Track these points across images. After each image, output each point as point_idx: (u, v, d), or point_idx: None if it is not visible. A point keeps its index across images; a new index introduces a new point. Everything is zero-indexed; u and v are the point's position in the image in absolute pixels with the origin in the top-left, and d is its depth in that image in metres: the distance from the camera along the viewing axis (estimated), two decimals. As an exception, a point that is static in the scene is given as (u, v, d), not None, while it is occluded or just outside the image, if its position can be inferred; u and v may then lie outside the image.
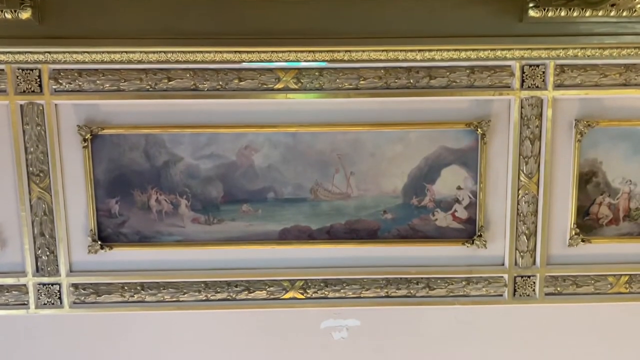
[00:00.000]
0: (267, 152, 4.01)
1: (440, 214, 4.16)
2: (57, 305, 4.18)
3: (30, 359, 4.30)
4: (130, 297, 4.19)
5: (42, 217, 4.02)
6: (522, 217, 4.13)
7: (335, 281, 4.24)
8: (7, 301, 4.16)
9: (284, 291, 4.23)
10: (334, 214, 4.14)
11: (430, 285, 4.25)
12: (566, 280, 4.26)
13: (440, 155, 4.05)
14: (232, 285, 4.21)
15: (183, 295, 4.20)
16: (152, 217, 4.09)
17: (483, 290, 4.27)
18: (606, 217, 4.17)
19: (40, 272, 4.12)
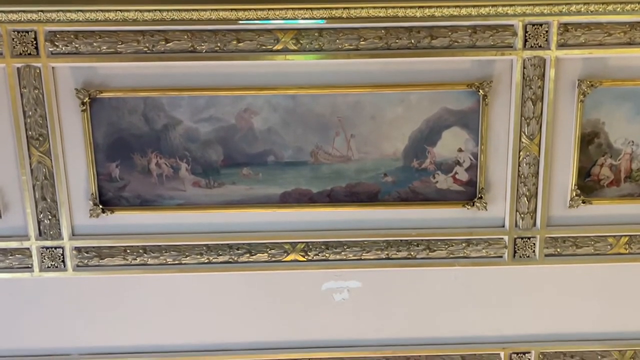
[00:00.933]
0: (267, 115, 3.75)
1: (440, 177, 3.92)
2: (60, 268, 3.98)
3: (36, 321, 4.12)
4: (132, 260, 3.99)
5: (42, 181, 3.80)
6: (522, 178, 3.89)
7: (336, 243, 4.02)
8: (11, 264, 3.97)
9: (285, 254, 4.02)
10: (334, 177, 3.90)
11: (430, 247, 4.04)
12: (566, 242, 4.03)
13: (441, 117, 3.79)
14: (234, 248, 4.00)
15: (185, 258, 3.99)
16: (153, 180, 3.86)
17: (483, 252, 4.05)
18: (607, 179, 3.92)
19: (43, 235, 3.91)
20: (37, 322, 4.10)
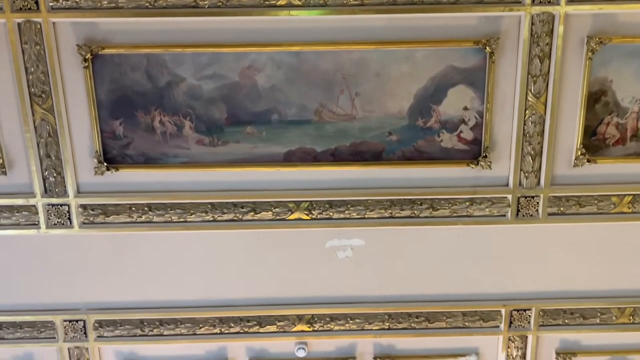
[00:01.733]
0: (270, 72, 3.53)
1: (445, 135, 3.71)
2: (67, 225, 3.82)
3: (44, 277, 3.99)
4: (138, 217, 3.82)
5: (47, 139, 3.61)
6: (528, 137, 3.68)
7: (340, 202, 3.84)
8: (18, 221, 3.81)
9: (289, 212, 3.84)
10: (338, 135, 3.69)
11: (434, 206, 3.85)
12: (569, 201, 3.85)
13: (447, 74, 3.57)
14: (238, 206, 3.82)
15: (190, 216, 3.82)
16: (157, 138, 3.67)
17: (486, 211, 3.87)
18: (613, 137, 3.71)
19: (49, 193, 3.74)
20: (45, 278, 3.97)
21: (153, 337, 4.12)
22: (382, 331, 4.19)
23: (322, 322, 4.16)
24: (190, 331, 4.12)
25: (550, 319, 4.17)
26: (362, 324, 4.18)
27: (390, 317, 4.17)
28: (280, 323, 4.16)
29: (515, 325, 4.19)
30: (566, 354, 4.27)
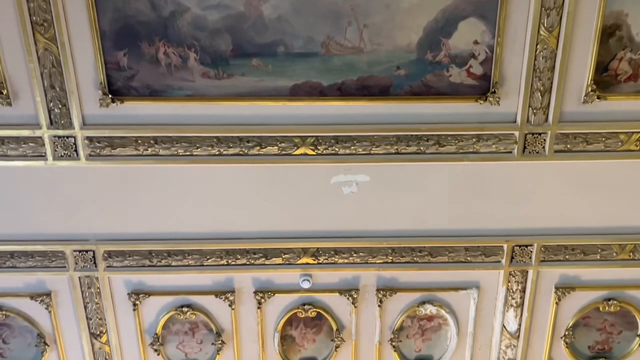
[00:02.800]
0: (277, 2, 3.30)
1: (454, 70, 3.48)
2: (73, 157, 3.67)
3: (52, 209, 3.87)
4: (144, 150, 3.65)
5: (50, 69, 3.41)
6: (538, 73, 3.45)
7: (346, 138, 3.67)
8: (25, 153, 3.65)
9: (295, 147, 3.66)
10: (345, 69, 3.47)
11: (440, 142, 3.67)
12: (577, 138, 3.66)
13: (458, 6, 3.32)
14: (244, 140, 3.65)
15: (196, 150, 3.66)
16: (161, 70, 3.46)
17: (493, 147, 3.69)
18: (625, 74, 3.49)
19: (54, 124, 3.57)
20: (54, 209, 3.85)
21: (161, 268, 4.03)
22: (385, 264, 4.09)
23: (326, 255, 4.05)
24: (197, 262, 4.02)
25: (552, 255, 4.05)
26: (365, 257, 4.06)
27: (394, 251, 4.05)
28: (286, 256, 4.05)
29: (516, 261, 4.07)
30: (565, 289, 4.17)
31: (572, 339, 4.35)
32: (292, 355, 4.43)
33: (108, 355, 4.33)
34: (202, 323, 4.30)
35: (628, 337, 4.40)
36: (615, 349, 4.43)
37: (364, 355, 4.43)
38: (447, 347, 4.42)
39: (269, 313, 4.27)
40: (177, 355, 4.39)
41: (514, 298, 4.21)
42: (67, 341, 4.28)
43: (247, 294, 4.19)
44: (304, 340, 4.39)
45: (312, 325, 4.36)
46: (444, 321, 4.35)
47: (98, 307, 4.15)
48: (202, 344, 4.36)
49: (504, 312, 4.27)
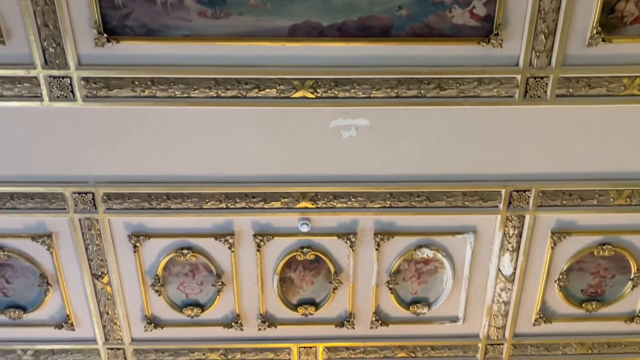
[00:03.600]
0: (276, -64, 3.09)
1: (457, 11, 3.33)
2: (70, 98, 3.54)
3: (51, 150, 3.77)
4: (141, 92, 3.53)
5: (43, 7, 3.26)
6: (542, 14, 3.30)
7: (346, 81, 3.53)
8: (20, 93, 3.53)
9: (294, 90, 3.54)
10: (346, 9, 3.32)
11: (441, 86, 3.54)
12: (579, 82, 3.54)
13: (463, -57, 3.12)
14: (242, 82, 3.52)
15: (194, 92, 3.53)
16: (157, 9, 3.30)
17: (494, 91, 3.57)
18: (631, 15, 3.34)
19: (49, 64, 3.44)
20: (53, 151, 3.75)
21: (161, 211, 3.96)
22: (384, 209, 4.02)
23: (325, 200, 3.98)
24: (197, 205, 3.95)
25: (549, 200, 3.98)
26: (364, 202, 3.99)
27: (392, 196, 3.98)
28: (285, 200, 3.97)
29: (513, 206, 4.00)
30: (561, 234, 4.12)
31: (565, 283, 4.33)
32: (291, 297, 4.42)
33: (110, 296, 4.32)
34: (202, 265, 4.26)
35: (621, 281, 4.38)
36: (607, 293, 4.42)
37: (361, 297, 4.42)
38: (442, 289, 4.41)
39: (268, 256, 4.23)
40: (178, 296, 4.38)
41: (510, 242, 4.16)
42: (69, 282, 4.26)
43: (246, 237, 4.14)
44: (302, 282, 4.38)
45: (310, 268, 4.33)
46: (440, 264, 4.32)
47: (99, 249, 4.11)
48: (203, 285, 4.34)
49: (500, 256, 4.23)
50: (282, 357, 4.64)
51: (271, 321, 4.49)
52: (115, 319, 4.41)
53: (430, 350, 4.64)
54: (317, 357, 4.65)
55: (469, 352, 4.66)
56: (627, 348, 4.66)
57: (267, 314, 4.46)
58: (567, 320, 4.52)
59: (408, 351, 4.62)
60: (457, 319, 4.52)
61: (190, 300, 4.40)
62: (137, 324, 4.46)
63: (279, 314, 4.48)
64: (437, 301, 4.45)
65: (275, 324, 4.50)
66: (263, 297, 4.38)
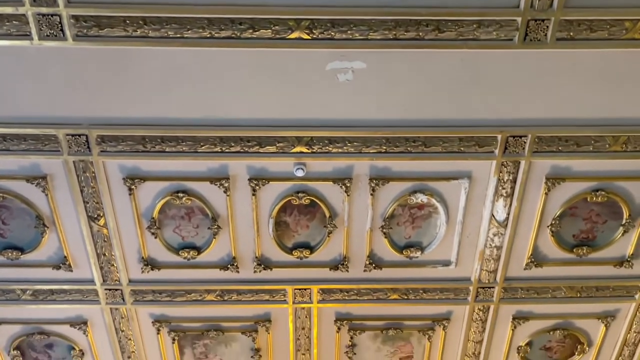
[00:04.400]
0: None
1: (458, -52, 3.16)
2: (60, 37, 3.43)
3: (43, 91, 3.67)
4: (133, 31, 3.41)
5: (29, -59, 3.07)
6: (546, -47, 3.14)
7: (343, 22, 3.43)
8: (9, 31, 3.42)
9: (289, 31, 3.42)
10: (343, -54, 3.15)
11: (440, 28, 3.43)
12: (581, 25, 3.43)
13: None
14: (237, 22, 3.40)
15: (187, 32, 3.42)
16: (148, -57, 3.12)
17: (493, 34, 3.46)
18: (638, -44, 3.17)
19: (38, 1, 3.32)
20: (45, 91, 3.65)
21: (155, 154, 3.90)
22: (379, 154, 3.97)
23: (320, 145, 3.92)
24: (191, 149, 3.89)
25: (545, 146, 3.93)
26: (359, 147, 3.94)
27: (388, 141, 3.92)
28: (280, 144, 3.91)
29: (509, 151, 3.95)
30: (555, 179, 4.09)
31: (557, 228, 4.33)
32: (287, 240, 4.42)
33: (106, 238, 4.30)
34: (197, 208, 4.23)
35: (612, 226, 4.38)
36: (598, 238, 4.43)
37: (355, 241, 4.42)
38: (436, 234, 4.41)
39: (264, 200, 4.20)
40: (174, 238, 4.37)
41: (504, 188, 4.13)
42: (65, 223, 4.23)
43: (241, 181, 4.10)
44: (297, 226, 4.36)
45: (305, 212, 4.31)
46: (434, 210, 4.30)
47: (94, 191, 4.07)
48: (199, 228, 4.33)
49: (494, 201, 4.21)
50: (277, 298, 4.67)
51: (267, 264, 4.50)
52: (112, 260, 4.41)
53: (422, 292, 4.68)
54: (312, 298, 4.68)
55: (460, 294, 4.70)
56: (615, 292, 4.71)
57: (262, 257, 4.47)
58: (557, 265, 4.54)
59: (400, 293, 4.65)
60: (449, 262, 4.54)
61: (187, 243, 4.39)
62: (134, 266, 4.47)
63: (275, 257, 4.48)
64: (430, 245, 4.45)
65: (271, 266, 4.51)
66: (259, 241, 4.38)
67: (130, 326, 4.76)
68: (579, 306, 4.78)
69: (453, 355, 5.08)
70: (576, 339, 4.98)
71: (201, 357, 5.03)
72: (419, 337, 4.96)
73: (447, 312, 4.83)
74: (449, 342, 4.99)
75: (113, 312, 4.68)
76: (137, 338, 4.84)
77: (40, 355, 4.92)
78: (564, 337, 4.95)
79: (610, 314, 4.85)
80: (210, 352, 5.00)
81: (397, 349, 5.05)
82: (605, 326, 4.90)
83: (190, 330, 4.86)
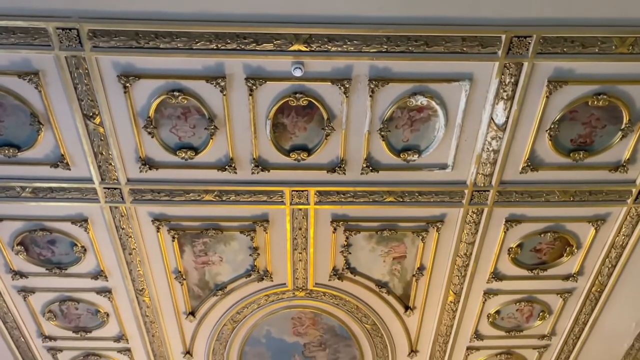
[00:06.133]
0: None
1: None
2: None
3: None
4: None
5: None
6: None
7: None
8: None
9: None
10: None
11: None
12: None
13: None
14: None
15: None
16: None
17: None
18: None
19: None
20: (31, -18, 3.42)
21: (149, 50, 3.76)
22: (379, 54, 3.84)
23: (319, 43, 3.78)
24: (186, 45, 3.75)
25: (549, 47, 3.79)
26: (359, 45, 3.79)
27: (389, 39, 3.77)
28: (277, 41, 3.76)
29: (513, 52, 3.82)
30: (557, 82, 3.99)
31: (556, 132, 4.28)
32: (284, 142, 4.37)
33: (103, 137, 4.24)
34: (194, 108, 4.15)
35: (611, 131, 4.33)
36: (596, 143, 4.40)
37: (353, 144, 4.37)
38: (434, 138, 4.36)
39: (261, 100, 4.10)
40: (171, 138, 4.31)
41: (505, 91, 4.04)
42: (60, 121, 4.16)
43: (238, 80, 3.99)
44: (295, 128, 4.30)
45: (303, 114, 4.23)
46: (433, 112, 4.22)
47: (88, 89, 3.96)
48: (195, 128, 4.26)
49: (494, 104, 4.13)
50: (275, 199, 4.69)
51: (264, 165, 4.48)
52: (109, 159, 4.37)
53: (418, 195, 4.69)
54: (309, 200, 4.70)
55: (455, 197, 4.72)
56: (608, 196, 4.74)
57: (260, 159, 4.44)
58: (553, 169, 4.53)
59: (396, 196, 4.67)
60: (446, 166, 4.52)
61: (184, 143, 4.34)
62: (131, 165, 4.44)
63: (272, 159, 4.45)
64: (427, 149, 4.41)
65: (268, 168, 4.49)
66: (256, 142, 4.33)
67: (130, 224, 4.81)
68: (571, 210, 4.83)
69: (445, 256, 5.19)
70: (566, 241, 5.07)
71: (201, 255, 5.12)
72: (412, 238, 5.04)
73: (441, 215, 4.88)
74: (441, 243, 5.07)
75: (113, 210, 4.71)
76: (137, 236, 4.90)
77: (44, 251, 5.00)
78: (554, 240, 5.03)
79: (601, 217, 4.91)
80: (210, 250, 5.08)
81: (391, 249, 5.14)
82: (595, 229, 4.97)
83: (190, 229, 4.91)
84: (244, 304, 5.52)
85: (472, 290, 5.42)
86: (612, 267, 5.23)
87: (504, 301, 5.55)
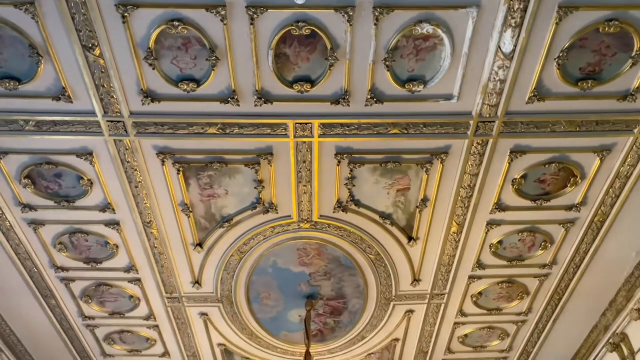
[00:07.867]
0: None
1: None
2: None
3: None
4: None
5: None
6: None
7: None
8: None
9: None
10: None
11: None
12: None
13: None
14: None
15: None
16: None
17: None
18: None
19: None
20: None
21: (145, -26, 3.62)
22: (384, -21, 3.68)
23: (322, -32, 3.62)
24: (184, -28, 3.60)
25: (561, -30, 3.62)
26: (363, -30, 3.64)
27: (394, -36, 3.61)
28: (279, -33, 3.61)
29: (522, -24, 3.66)
30: (568, 8, 3.85)
31: (564, 61, 4.18)
32: (287, 73, 4.29)
33: (104, 69, 4.17)
34: (194, 38, 4.05)
35: (621, 59, 4.22)
36: (605, 71, 4.29)
37: (357, 75, 4.29)
38: (439, 67, 4.26)
39: (262, 29, 4.00)
40: (172, 70, 4.24)
41: (513, 18, 3.90)
42: (59, 53, 4.08)
43: (239, 9, 3.87)
44: (297, 58, 4.20)
45: (306, 44, 4.12)
46: (439, 41, 4.11)
47: (86, 19, 3.86)
48: (196, 59, 4.18)
49: (501, 32, 4.00)
50: (278, 132, 4.65)
51: (267, 97, 4.42)
52: (111, 92, 4.32)
53: (423, 127, 4.65)
54: (313, 132, 4.67)
55: (460, 129, 4.68)
56: (615, 126, 4.67)
57: (262, 90, 4.37)
58: (560, 99, 4.46)
59: (401, 128, 4.62)
60: (451, 96, 4.45)
61: (185, 75, 4.27)
62: (134, 98, 4.39)
63: (275, 91, 4.38)
64: (433, 79, 4.33)
65: (271, 100, 4.43)
66: (258, 73, 4.25)
67: (135, 157, 4.81)
68: (576, 140, 4.78)
69: (449, 187, 5.20)
70: (570, 171, 5.05)
71: (206, 188, 5.15)
72: (416, 170, 5.03)
73: (445, 146, 4.85)
74: (445, 175, 5.07)
75: (117, 143, 4.70)
76: (142, 169, 4.91)
77: (51, 184, 5.03)
78: (559, 170, 5.01)
79: (606, 147, 4.87)
80: (215, 183, 5.11)
81: (395, 181, 5.15)
82: (600, 159, 4.94)
83: (194, 162, 4.91)
84: (250, 236, 5.59)
85: (475, 221, 5.46)
86: (615, 197, 5.23)
87: (506, 231, 5.60)
